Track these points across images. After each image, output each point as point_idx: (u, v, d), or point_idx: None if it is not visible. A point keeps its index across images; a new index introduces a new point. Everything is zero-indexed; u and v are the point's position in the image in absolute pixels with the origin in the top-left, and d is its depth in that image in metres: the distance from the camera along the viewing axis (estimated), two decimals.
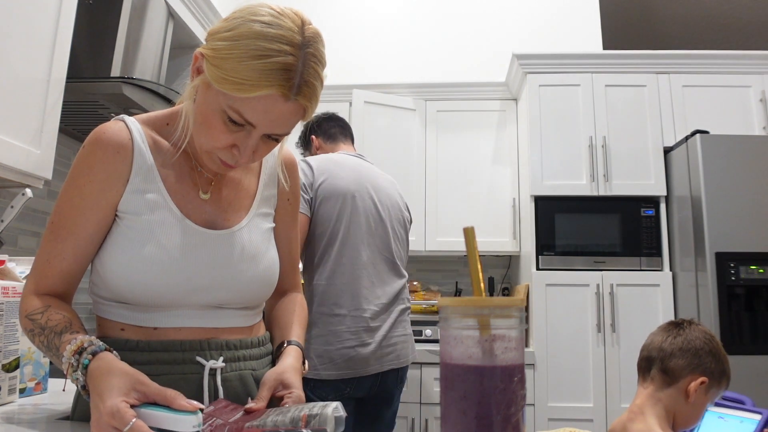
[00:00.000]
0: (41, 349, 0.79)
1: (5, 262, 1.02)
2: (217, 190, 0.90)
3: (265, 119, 0.76)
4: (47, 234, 0.83)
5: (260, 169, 0.98)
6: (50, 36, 1.46)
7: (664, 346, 1.26)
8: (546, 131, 2.73)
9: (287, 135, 0.82)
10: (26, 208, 1.82)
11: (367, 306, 1.68)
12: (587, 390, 2.45)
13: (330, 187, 1.74)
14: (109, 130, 0.84)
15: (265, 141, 0.80)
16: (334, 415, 0.67)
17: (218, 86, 0.74)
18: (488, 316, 0.47)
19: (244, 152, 0.78)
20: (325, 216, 1.72)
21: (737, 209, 2.36)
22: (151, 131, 0.87)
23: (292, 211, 1.03)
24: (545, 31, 3.33)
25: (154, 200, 0.84)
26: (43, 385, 1.10)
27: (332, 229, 1.72)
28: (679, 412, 1.23)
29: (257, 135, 0.78)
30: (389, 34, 3.44)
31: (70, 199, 0.82)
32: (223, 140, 0.78)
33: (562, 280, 2.56)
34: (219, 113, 0.76)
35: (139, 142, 0.84)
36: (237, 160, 0.80)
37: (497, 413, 0.46)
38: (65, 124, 1.89)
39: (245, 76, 0.72)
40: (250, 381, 0.89)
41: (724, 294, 2.29)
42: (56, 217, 0.82)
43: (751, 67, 2.72)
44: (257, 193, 0.95)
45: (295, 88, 0.74)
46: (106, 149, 0.82)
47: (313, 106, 0.79)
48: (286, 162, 1.01)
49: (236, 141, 0.78)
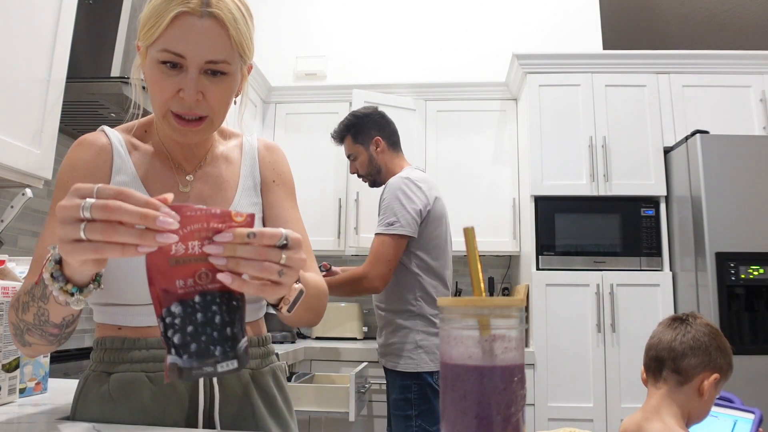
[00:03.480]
0: (25, 305, 0.71)
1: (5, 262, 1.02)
2: (198, 186, 0.91)
3: (188, 43, 0.77)
4: (39, 238, 0.84)
5: (240, 161, 0.98)
6: (50, 36, 1.46)
7: (674, 345, 1.26)
8: (546, 131, 2.73)
9: (226, 64, 0.80)
10: (26, 208, 1.82)
11: None
12: (587, 390, 2.45)
13: (441, 207, 2.02)
14: (90, 136, 0.89)
15: (209, 78, 0.80)
16: None
17: (146, 41, 0.79)
18: (488, 316, 0.47)
19: (188, 90, 0.78)
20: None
21: (737, 209, 2.36)
22: (129, 137, 0.91)
23: (283, 193, 0.99)
24: (545, 31, 3.33)
25: None
26: (43, 385, 1.10)
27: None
28: (693, 409, 1.24)
29: (194, 68, 0.78)
30: (389, 34, 3.44)
31: (56, 199, 0.84)
32: (167, 89, 0.79)
33: (562, 280, 2.56)
34: (156, 66, 0.79)
35: (118, 146, 0.89)
36: (187, 105, 0.80)
37: (497, 413, 0.46)
38: (65, 124, 1.89)
39: (155, 12, 0.77)
40: (248, 380, 0.88)
41: (724, 294, 2.29)
42: (46, 225, 0.84)
43: (751, 67, 2.72)
44: (239, 184, 0.95)
45: (201, 2, 0.77)
46: (88, 149, 0.87)
47: (236, 25, 0.80)
48: (266, 145, 1.02)
49: (179, 84, 0.79)
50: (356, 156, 2.14)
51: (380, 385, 2.35)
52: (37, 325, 0.72)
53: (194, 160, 0.93)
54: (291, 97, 3.19)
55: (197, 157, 0.93)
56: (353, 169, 2.19)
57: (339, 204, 3.00)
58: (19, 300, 0.74)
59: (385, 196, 1.97)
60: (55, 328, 0.72)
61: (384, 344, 1.97)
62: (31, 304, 0.70)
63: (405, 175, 1.97)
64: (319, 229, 2.98)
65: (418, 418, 1.85)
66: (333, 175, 3.06)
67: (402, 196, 1.92)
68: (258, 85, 3.01)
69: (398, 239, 1.88)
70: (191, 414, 0.82)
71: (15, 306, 0.75)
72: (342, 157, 3.04)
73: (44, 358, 1.11)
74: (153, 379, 0.81)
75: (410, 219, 1.90)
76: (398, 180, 1.96)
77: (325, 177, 3.06)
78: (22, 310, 0.73)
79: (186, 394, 0.82)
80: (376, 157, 2.10)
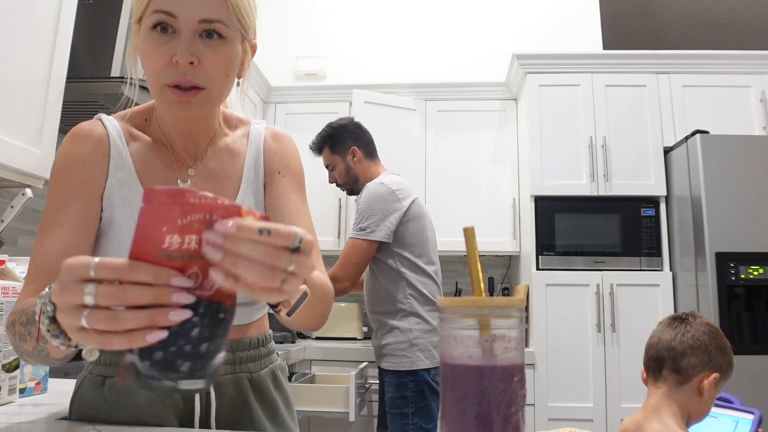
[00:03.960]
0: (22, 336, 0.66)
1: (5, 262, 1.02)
2: (199, 181, 0.86)
3: (180, 1, 0.73)
4: (35, 239, 0.79)
5: (246, 154, 0.91)
6: (50, 36, 1.46)
7: (674, 345, 1.26)
8: (546, 131, 2.73)
9: (221, 25, 0.76)
10: (26, 208, 1.82)
11: None
12: (587, 390, 2.45)
13: (418, 208, 2.05)
14: (86, 126, 0.84)
15: (204, 42, 0.75)
16: None
17: (138, 12, 0.76)
18: (488, 316, 0.47)
19: (182, 52, 0.73)
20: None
21: (737, 209, 2.36)
22: (128, 126, 0.87)
23: (290, 184, 0.92)
24: (545, 31, 3.32)
25: (132, 196, 0.82)
26: (43, 385, 1.10)
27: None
28: (693, 408, 1.25)
29: (186, 29, 0.74)
30: (389, 34, 3.44)
31: (52, 197, 0.80)
32: (159, 57, 0.74)
33: (562, 280, 2.56)
34: (147, 34, 0.75)
35: (115, 138, 0.84)
36: (182, 70, 0.74)
37: (497, 413, 0.46)
38: (65, 124, 1.89)
39: None
40: (246, 385, 0.86)
41: (724, 294, 2.29)
42: (42, 220, 0.80)
43: (751, 67, 2.72)
44: (242, 179, 0.89)
45: None
46: (84, 142, 0.82)
47: None
48: (273, 133, 0.95)
49: (172, 50, 0.74)
50: (334, 166, 2.21)
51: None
52: (37, 356, 0.67)
53: (196, 152, 0.88)
54: (291, 97, 3.19)
55: (199, 148, 0.88)
56: (332, 179, 2.25)
57: (339, 204, 3.00)
58: (14, 326, 0.68)
59: (360, 201, 2.03)
60: (58, 361, 0.69)
61: (379, 346, 1.99)
62: (28, 339, 0.65)
63: (380, 180, 2.04)
64: (319, 229, 2.95)
65: (414, 416, 1.87)
66: None
67: (375, 201, 1.98)
68: (258, 85, 3.00)
69: (369, 244, 1.96)
70: (187, 419, 0.81)
71: (11, 331, 0.69)
72: None
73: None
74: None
75: (382, 224, 1.95)
76: (373, 185, 2.02)
77: (325, 177, 3.05)
78: (19, 339, 0.67)
79: (182, 400, 0.81)
80: (353, 166, 2.16)
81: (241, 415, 0.85)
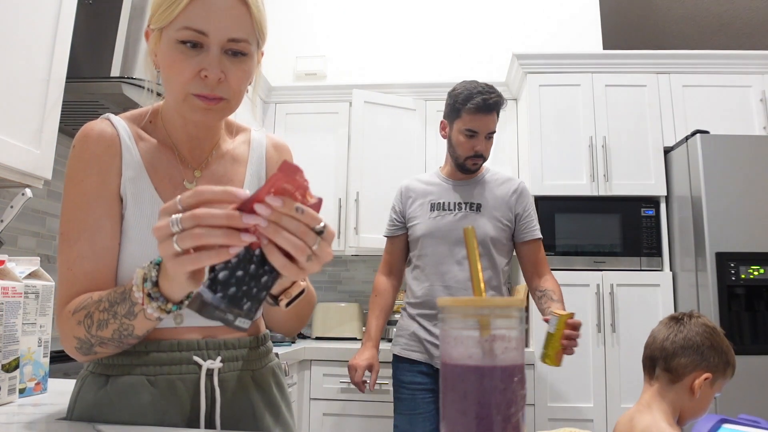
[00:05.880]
0: (102, 322, 0.73)
1: (5, 262, 1.02)
2: (204, 182, 0.88)
3: (211, 20, 0.75)
4: (60, 246, 0.80)
5: (248, 160, 0.95)
6: (50, 36, 1.46)
7: (666, 345, 1.28)
8: (546, 131, 2.73)
9: (247, 44, 0.79)
10: (26, 208, 1.82)
11: None
12: (587, 390, 2.45)
13: None
14: (97, 126, 0.85)
15: (230, 59, 0.78)
16: None
17: (161, 22, 0.76)
18: (488, 316, 0.47)
19: (213, 69, 0.76)
20: None
21: (737, 209, 2.36)
22: (135, 127, 0.88)
23: None
24: (545, 31, 3.32)
25: (142, 195, 0.83)
26: (43, 385, 1.10)
27: None
28: (685, 407, 1.26)
29: (215, 46, 0.76)
30: (389, 34, 3.43)
31: (72, 201, 0.81)
32: (187, 70, 0.76)
33: (562, 280, 2.54)
34: (174, 46, 0.76)
35: (125, 138, 0.85)
36: (210, 85, 0.77)
37: (497, 413, 0.46)
38: (65, 124, 1.89)
39: None
40: (249, 381, 0.87)
41: (724, 294, 2.29)
42: (63, 225, 0.81)
43: (751, 67, 2.72)
44: (244, 185, 0.92)
45: None
46: (97, 144, 0.83)
47: (257, 3, 0.79)
48: (274, 143, 1.00)
49: (201, 65, 0.76)
50: (493, 135, 2.00)
51: (380, 385, 2.35)
52: (116, 338, 0.74)
53: (200, 155, 0.90)
54: (291, 97, 3.19)
55: (204, 152, 0.90)
56: (483, 148, 1.97)
57: (339, 204, 3.00)
58: (91, 317, 0.74)
59: (529, 201, 2.12)
60: (136, 339, 0.75)
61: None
62: (111, 321, 0.72)
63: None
64: None
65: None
66: (333, 175, 3.06)
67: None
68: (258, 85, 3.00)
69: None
70: (192, 417, 0.81)
71: (85, 323, 0.74)
72: (342, 157, 3.05)
73: (44, 358, 1.11)
74: (153, 383, 0.79)
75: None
76: (526, 185, 2.14)
77: (325, 177, 3.06)
78: (97, 326, 0.73)
79: (187, 397, 0.81)
80: None
81: (244, 410, 0.86)
